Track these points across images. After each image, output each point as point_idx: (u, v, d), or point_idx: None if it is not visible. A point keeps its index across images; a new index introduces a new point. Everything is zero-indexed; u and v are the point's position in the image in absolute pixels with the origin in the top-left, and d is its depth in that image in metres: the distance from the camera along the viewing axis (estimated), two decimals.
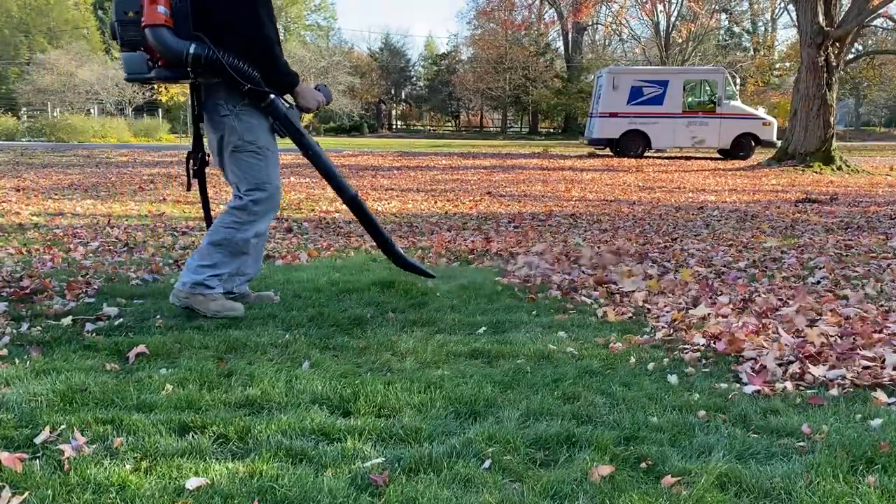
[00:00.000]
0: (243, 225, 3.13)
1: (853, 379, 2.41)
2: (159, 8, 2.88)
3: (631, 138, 19.26)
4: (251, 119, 3.09)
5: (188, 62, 2.89)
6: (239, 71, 2.93)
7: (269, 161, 3.15)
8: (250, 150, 3.11)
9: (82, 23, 43.86)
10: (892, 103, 45.93)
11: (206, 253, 3.13)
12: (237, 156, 3.12)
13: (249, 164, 3.12)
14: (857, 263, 4.54)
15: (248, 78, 2.96)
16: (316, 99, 3.22)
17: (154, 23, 2.88)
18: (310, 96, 3.21)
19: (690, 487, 1.71)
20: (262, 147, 3.13)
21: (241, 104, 3.06)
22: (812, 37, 14.34)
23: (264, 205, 3.16)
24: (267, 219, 3.22)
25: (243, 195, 3.14)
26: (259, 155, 3.12)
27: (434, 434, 2.00)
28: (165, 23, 2.88)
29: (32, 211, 7.17)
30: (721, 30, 43.26)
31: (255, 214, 3.14)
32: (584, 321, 3.18)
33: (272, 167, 3.17)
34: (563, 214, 7.47)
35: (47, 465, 1.79)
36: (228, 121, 3.08)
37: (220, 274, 3.14)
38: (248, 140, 3.09)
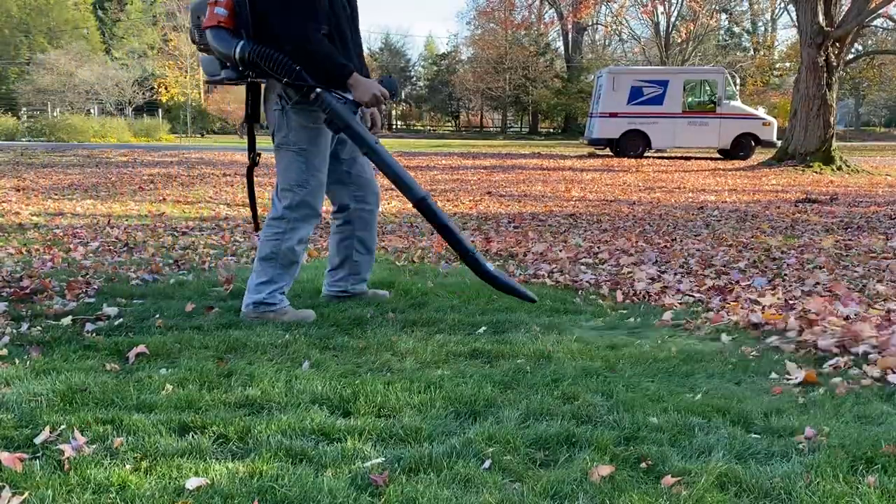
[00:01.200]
0: (285, 234, 3.11)
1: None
2: (217, 9, 2.90)
3: (631, 138, 19.25)
4: (300, 119, 3.04)
5: (235, 60, 2.91)
6: (277, 65, 2.88)
7: (309, 165, 3.08)
8: (293, 150, 3.07)
9: (82, 23, 43.83)
10: (892, 103, 45.92)
11: (259, 269, 3.13)
12: (280, 152, 3.11)
13: (289, 163, 3.09)
14: (857, 263, 4.54)
15: (286, 71, 2.89)
16: (371, 91, 2.99)
17: (210, 24, 2.91)
18: (364, 89, 2.99)
19: (690, 487, 1.71)
20: (306, 150, 3.07)
21: (293, 102, 3.02)
22: (812, 37, 14.34)
23: (300, 210, 3.11)
24: (309, 224, 3.17)
25: (280, 198, 3.13)
26: (300, 157, 3.07)
27: (434, 434, 2.00)
28: (221, 23, 2.90)
29: (32, 211, 7.17)
30: (721, 30, 43.25)
31: (294, 221, 3.11)
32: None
33: (311, 172, 3.09)
34: (563, 214, 7.47)
35: (47, 465, 1.79)
36: (278, 116, 3.07)
37: (280, 287, 3.13)
38: (293, 140, 3.06)
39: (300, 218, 3.12)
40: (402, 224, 6.64)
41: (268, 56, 2.87)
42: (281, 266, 3.12)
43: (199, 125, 36.81)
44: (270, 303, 3.10)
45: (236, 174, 12.54)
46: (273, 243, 3.11)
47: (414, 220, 6.88)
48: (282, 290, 3.14)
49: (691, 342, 2.87)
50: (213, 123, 37.65)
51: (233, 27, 2.93)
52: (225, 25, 2.91)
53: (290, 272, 3.16)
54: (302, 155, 3.07)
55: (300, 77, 2.91)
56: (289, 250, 3.11)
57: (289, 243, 3.11)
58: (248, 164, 3.26)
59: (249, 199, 3.43)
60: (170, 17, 39.94)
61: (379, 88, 3.02)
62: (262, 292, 3.10)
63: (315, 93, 2.93)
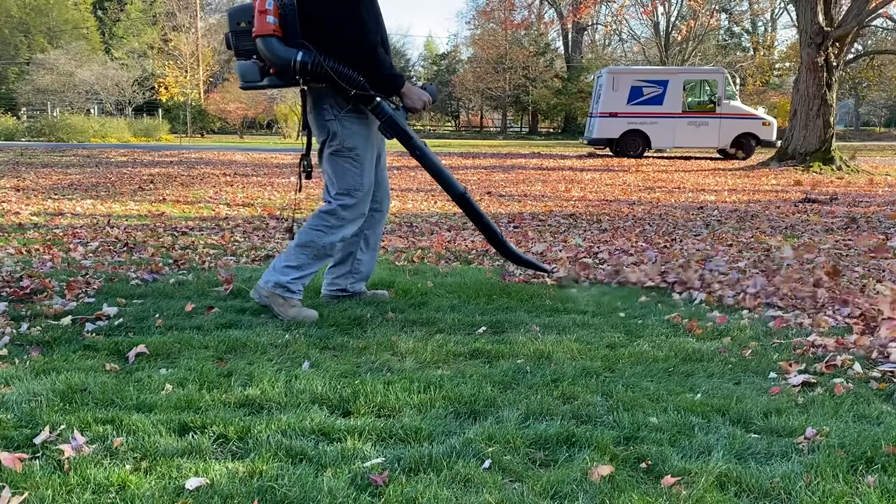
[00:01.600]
0: (331, 229, 3.17)
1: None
2: (269, 18, 2.93)
3: (631, 138, 19.26)
4: (353, 126, 3.12)
5: (296, 70, 2.94)
6: (344, 76, 2.96)
7: (363, 169, 3.18)
8: (348, 156, 3.15)
9: (82, 23, 43.84)
10: (891, 103, 45.92)
11: (292, 253, 3.18)
12: (334, 159, 3.17)
13: (345, 168, 3.16)
14: (857, 263, 4.54)
15: (353, 82, 2.98)
16: (422, 99, 3.19)
17: (263, 33, 2.94)
18: (415, 96, 3.18)
19: (690, 487, 1.71)
20: (360, 155, 3.16)
21: (345, 110, 3.09)
22: (812, 37, 14.34)
23: (353, 211, 3.19)
24: (354, 224, 3.24)
25: (333, 199, 3.18)
26: (356, 162, 3.16)
27: (434, 434, 2.00)
28: (274, 32, 2.93)
29: (32, 211, 7.17)
30: (721, 30, 43.25)
31: (344, 220, 3.18)
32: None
33: (366, 175, 3.19)
34: (563, 214, 7.47)
35: (47, 465, 1.79)
36: (332, 125, 3.12)
37: (304, 277, 3.18)
38: (347, 146, 3.13)
39: (351, 219, 3.20)
40: (401, 224, 6.64)
41: (333, 67, 2.93)
42: (314, 257, 3.18)
43: (198, 125, 36.80)
44: (291, 289, 3.14)
45: (236, 174, 12.54)
46: (316, 233, 3.16)
47: (414, 221, 6.88)
48: (304, 280, 3.19)
49: (691, 342, 2.87)
50: (213, 123, 37.64)
51: (282, 35, 2.96)
52: (278, 34, 2.95)
53: (318, 265, 3.22)
54: (357, 160, 3.16)
55: (364, 87, 3.00)
56: (329, 245, 3.18)
57: (331, 238, 3.18)
58: (299, 171, 3.28)
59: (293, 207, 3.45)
60: (170, 17, 39.95)
61: (427, 95, 3.21)
62: (288, 275, 3.14)
63: (375, 102, 3.05)
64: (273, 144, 27.00)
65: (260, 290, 3.18)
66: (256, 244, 5.34)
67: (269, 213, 7.36)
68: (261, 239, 5.63)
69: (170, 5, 39.92)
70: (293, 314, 3.12)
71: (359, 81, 2.99)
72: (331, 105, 3.09)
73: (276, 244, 5.35)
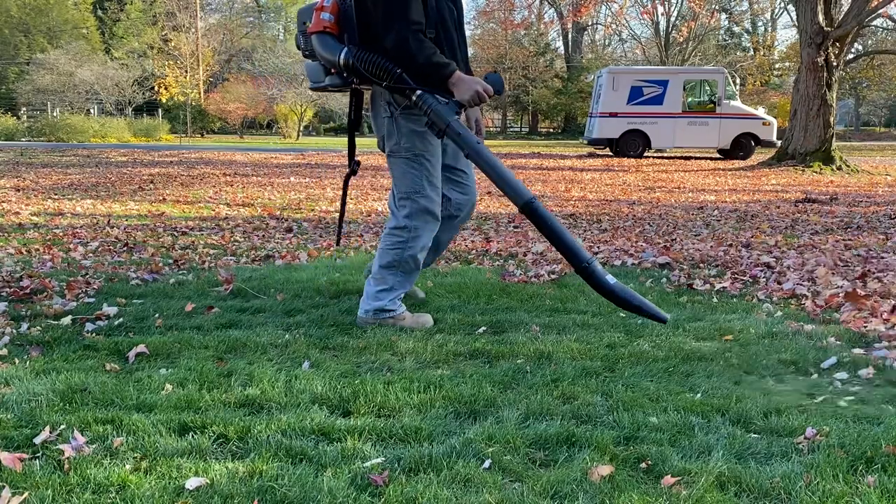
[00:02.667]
0: (407, 243, 3.03)
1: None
2: (323, 14, 2.86)
3: (631, 138, 19.27)
4: (409, 124, 2.95)
5: (340, 67, 2.86)
6: (378, 68, 2.80)
7: (423, 170, 3.00)
8: (405, 156, 2.99)
9: (82, 23, 43.83)
10: (891, 103, 45.92)
11: (380, 278, 3.06)
12: (391, 160, 3.04)
13: (403, 170, 3.01)
14: (857, 264, 4.53)
15: (389, 75, 2.80)
16: (473, 89, 2.83)
17: (316, 29, 2.88)
18: (465, 87, 2.83)
19: (690, 487, 1.71)
20: (419, 155, 2.98)
21: (402, 107, 2.94)
22: (812, 37, 14.34)
23: (420, 218, 3.02)
24: (430, 230, 3.06)
25: (397, 208, 3.05)
26: (414, 163, 2.99)
27: (434, 434, 2.00)
28: (326, 29, 2.86)
29: (32, 211, 7.17)
30: (721, 30, 43.26)
31: (415, 230, 3.03)
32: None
33: (426, 177, 3.01)
34: (563, 214, 7.47)
35: (47, 465, 1.79)
36: (388, 124, 3.00)
37: (400, 293, 3.08)
38: (404, 146, 2.98)
39: (421, 226, 3.04)
40: None
41: (368, 60, 2.80)
42: (402, 274, 3.07)
43: (198, 125, 36.80)
44: (390, 309, 3.04)
45: (236, 174, 12.54)
46: (395, 252, 3.03)
47: None
48: (400, 296, 3.09)
49: (691, 342, 2.86)
50: (213, 123, 37.65)
51: (338, 33, 2.88)
52: (331, 31, 2.86)
53: (410, 279, 3.11)
54: (415, 161, 2.99)
55: (401, 80, 2.81)
56: (411, 258, 3.05)
57: (411, 252, 3.04)
58: (347, 172, 3.20)
59: (340, 210, 3.36)
60: (170, 17, 39.95)
61: (482, 85, 2.86)
62: (384, 300, 3.04)
63: (416, 95, 2.83)
64: (273, 144, 26.99)
65: (364, 320, 3.06)
66: (256, 244, 5.34)
67: (269, 213, 7.36)
68: (261, 239, 5.63)
69: (170, 5, 39.92)
70: (409, 325, 3.02)
71: (394, 73, 2.79)
72: (387, 102, 2.97)
73: (276, 244, 5.36)
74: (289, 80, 32.25)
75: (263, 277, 3.97)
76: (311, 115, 35.33)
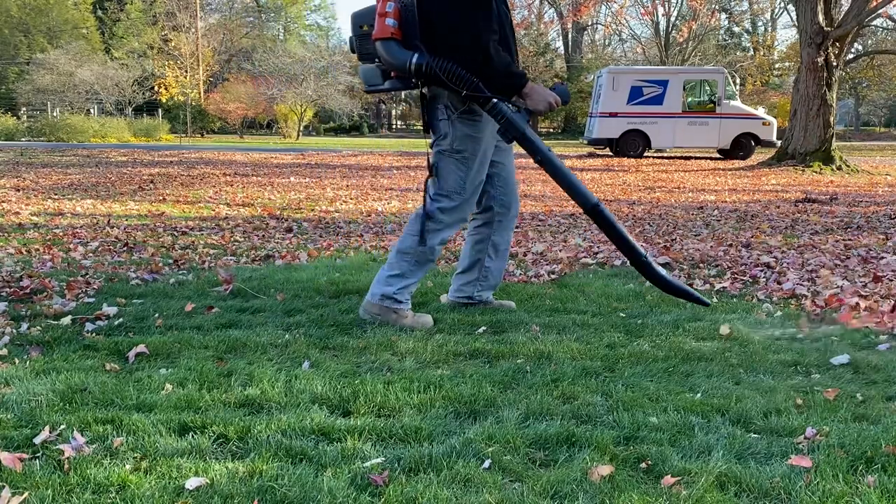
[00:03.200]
0: (429, 233, 3.10)
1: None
2: (388, 20, 2.90)
3: (631, 138, 19.26)
4: (466, 128, 3.05)
5: (411, 72, 2.91)
6: (455, 76, 2.89)
7: (469, 172, 3.10)
8: (456, 157, 3.08)
9: (82, 23, 43.83)
10: (891, 103, 45.91)
11: (394, 262, 3.13)
12: (442, 158, 3.11)
13: (450, 170, 3.09)
14: (857, 265, 4.53)
15: (466, 83, 2.91)
16: (546, 100, 3.03)
17: (382, 36, 2.91)
18: (538, 97, 3.03)
19: (690, 487, 1.71)
20: (468, 158, 3.08)
21: (460, 111, 3.02)
22: (812, 37, 14.34)
23: (451, 214, 3.12)
24: (453, 228, 3.17)
25: (432, 199, 3.12)
26: (462, 164, 3.08)
27: (434, 434, 2.00)
28: (392, 35, 2.90)
29: (32, 211, 7.17)
30: (721, 30, 43.25)
31: (442, 223, 3.11)
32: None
33: (469, 179, 3.11)
34: (563, 214, 7.47)
35: (47, 465, 1.79)
36: (444, 125, 3.07)
37: (409, 284, 3.12)
38: (457, 148, 3.06)
39: (450, 223, 3.14)
40: (401, 224, 6.64)
41: (447, 69, 2.88)
42: (416, 263, 3.12)
43: (198, 125, 36.81)
44: (398, 300, 3.08)
45: (236, 174, 12.54)
46: (415, 239, 3.11)
47: None
48: (410, 289, 3.14)
49: (691, 342, 2.87)
50: (213, 123, 37.65)
51: (401, 38, 2.93)
52: (396, 37, 2.92)
53: (422, 270, 3.16)
54: (464, 163, 3.08)
55: (477, 88, 2.91)
56: (428, 249, 3.12)
57: (433, 242, 3.12)
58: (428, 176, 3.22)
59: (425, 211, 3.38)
60: (170, 17, 39.95)
61: (553, 96, 3.04)
62: (393, 286, 3.09)
63: (491, 103, 2.94)
64: (273, 144, 27.00)
65: (368, 307, 3.12)
66: (256, 244, 5.34)
67: (269, 212, 7.36)
68: (261, 239, 5.63)
69: (170, 5, 39.91)
70: (409, 323, 3.06)
71: (472, 82, 2.89)
72: (445, 105, 3.04)
73: (276, 244, 5.36)
74: (289, 80, 32.24)
75: (263, 277, 3.97)
76: (311, 115, 35.33)
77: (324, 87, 32.91)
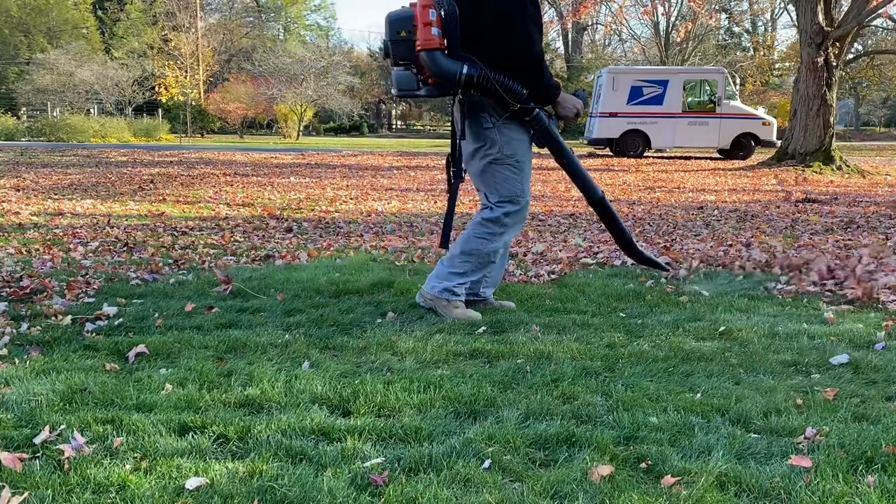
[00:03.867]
0: (494, 236, 3.17)
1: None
2: (433, 30, 2.91)
3: (631, 138, 19.26)
4: (512, 133, 3.11)
5: (460, 83, 2.93)
6: (509, 89, 2.96)
7: (524, 174, 3.17)
8: (508, 162, 3.12)
9: (82, 22, 43.82)
10: (891, 103, 45.91)
11: (457, 262, 3.19)
12: (494, 167, 3.14)
13: (506, 176, 3.14)
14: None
15: (517, 96, 2.98)
16: (575, 106, 3.20)
17: (429, 46, 2.92)
18: (569, 105, 3.19)
19: (690, 487, 1.71)
20: (520, 161, 3.14)
21: (504, 118, 3.08)
22: (812, 37, 14.33)
23: (515, 217, 3.19)
24: (516, 229, 3.25)
25: (495, 206, 3.17)
26: (515, 168, 3.14)
27: (434, 434, 2.00)
28: (440, 46, 2.92)
29: (32, 211, 7.17)
30: (721, 30, 43.24)
31: (506, 227, 3.18)
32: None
33: (526, 180, 3.19)
34: (563, 214, 7.47)
35: (47, 465, 1.79)
36: (491, 133, 3.10)
37: (468, 282, 3.21)
38: (507, 154, 3.11)
39: (512, 225, 3.20)
40: (402, 224, 6.64)
41: (499, 81, 2.93)
42: (478, 264, 3.20)
43: (198, 125, 36.81)
44: (456, 293, 3.17)
45: (236, 174, 12.54)
46: (480, 241, 3.17)
47: (413, 221, 6.88)
48: (467, 285, 3.22)
49: (691, 342, 2.87)
50: (213, 123, 37.64)
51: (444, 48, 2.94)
52: (443, 47, 2.93)
53: (481, 271, 3.24)
54: (517, 167, 3.14)
55: (526, 101, 3.01)
56: (493, 252, 3.20)
57: (495, 245, 3.19)
58: (454, 181, 3.26)
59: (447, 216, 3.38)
60: (170, 17, 39.95)
61: (580, 103, 3.21)
62: (453, 281, 3.18)
63: (535, 113, 3.07)
64: (273, 144, 27.00)
65: (425, 295, 3.23)
66: (256, 244, 5.34)
67: (269, 213, 7.36)
68: (261, 239, 5.63)
69: (170, 5, 39.90)
70: (457, 314, 3.14)
71: (523, 95, 2.99)
72: (489, 114, 3.08)
73: (276, 244, 5.36)
74: (289, 80, 32.24)
75: (263, 277, 3.97)
76: (310, 115, 35.32)
77: (324, 87, 32.92)
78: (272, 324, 3.08)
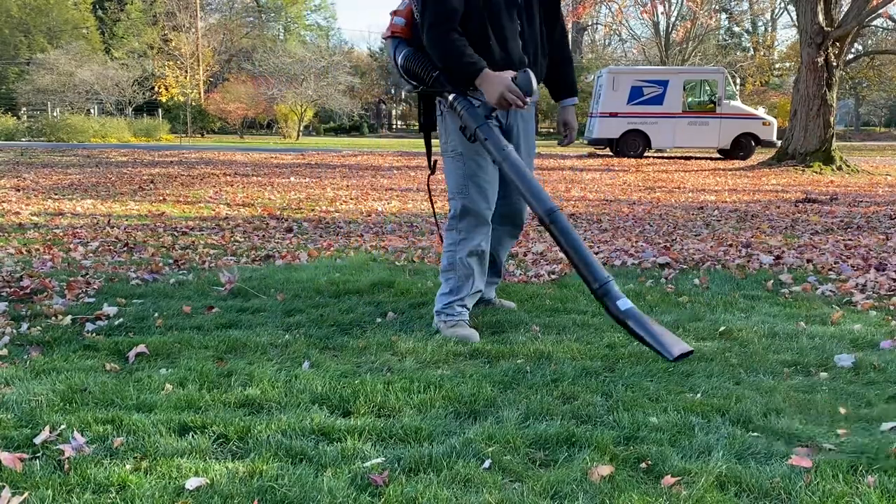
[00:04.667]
0: (457, 245, 2.99)
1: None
2: (395, 19, 2.87)
3: (631, 138, 19.27)
4: (453, 122, 2.90)
5: (400, 71, 2.89)
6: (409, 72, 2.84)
7: (467, 169, 2.91)
8: (450, 154, 2.95)
9: (82, 22, 43.83)
10: (891, 103, 45.90)
11: (442, 281, 3.06)
12: (445, 158, 3.01)
13: (449, 169, 2.98)
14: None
15: (426, 78, 2.81)
16: (497, 91, 2.67)
17: (385, 35, 2.89)
18: (491, 88, 2.68)
19: (690, 487, 1.71)
20: (462, 154, 2.91)
21: (447, 106, 2.88)
22: (812, 37, 14.33)
23: (464, 219, 2.95)
24: (479, 234, 2.97)
25: (450, 208, 3.02)
26: (457, 161, 2.92)
27: (434, 434, 2.00)
28: (397, 34, 2.86)
29: (32, 211, 7.17)
30: (721, 30, 43.24)
31: (462, 231, 2.96)
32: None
33: (471, 177, 2.91)
34: (563, 214, 7.46)
35: (47, 465, 1.79)
36: (439, 122, 3.00)
37: (460, 298, 3.00)
38: (450, 144, 2.94)
39: (466, 227, 2.96)
40: (402, 224, 6.64)
41: (412, 62, 2.83)
42: (461, 277, 3.00)
43: (198, 125, 36.81)
44: (450, 313, 2.99)
45: (236, 174, 12.54)
46: (448, 255, 3.02)
47: (414, 221, 6.88)
48: (462, 301, 3.01)
49: (691, 342, 2.86)
50: (213, 123, 37.66)
51: (409, 37, 2.87)
52: (401, 36, 2.87)
53: (469, 282, 3.01)
54: (459, 160, 2.92)
55: (437, 82, 2.81)
56: (461, 262, 2.98)
57: (461, 254, 2.98)
58: (429, 174, 3.19)
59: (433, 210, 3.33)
60: (170, 17, 39.96)
61: (508, 87, 2.67)
62: (442, 302, 3.01)
63: (450, 98, 2.80)
64: (273, 144, 27.00)
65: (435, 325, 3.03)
66: (256, 244, 5.34)
67: (269, 213, 7.36)
68: (261, 239, 5.63)
69: (170, 5, 39.91)
70: (449, 333, 2.91)
71: (430, 75, 2.79)
72: (438, 101, 2.96)
73: (276, 244, 5.35)
74: (289, 80, 32.25)
75: (263, 277, 3.97)
76: (311, 115, 35.33)
77: (324, 87, 32.93)
78: (272, 324, 3.08)
